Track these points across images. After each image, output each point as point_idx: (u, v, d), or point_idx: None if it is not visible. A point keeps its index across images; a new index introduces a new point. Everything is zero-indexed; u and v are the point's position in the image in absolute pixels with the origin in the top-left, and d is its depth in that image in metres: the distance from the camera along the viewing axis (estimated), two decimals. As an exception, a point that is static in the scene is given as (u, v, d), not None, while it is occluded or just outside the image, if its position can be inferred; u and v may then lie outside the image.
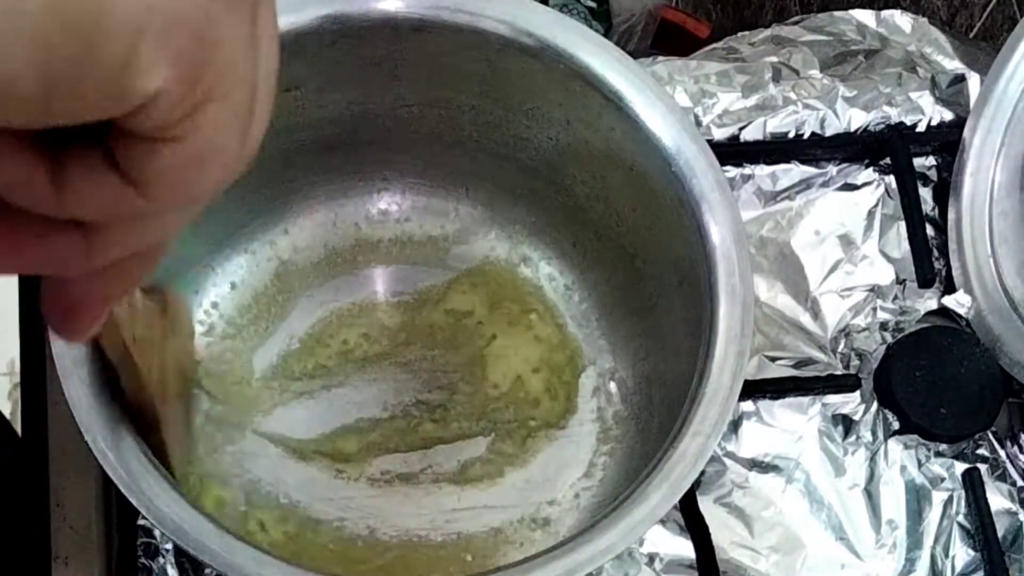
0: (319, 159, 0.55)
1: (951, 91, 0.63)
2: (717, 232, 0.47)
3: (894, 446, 0.56)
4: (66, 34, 0.16)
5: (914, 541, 0.55)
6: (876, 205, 0.61)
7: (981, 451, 0.57)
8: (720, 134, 0.61)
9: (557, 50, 0.49)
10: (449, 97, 0.53)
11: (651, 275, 0.54)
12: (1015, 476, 0.57)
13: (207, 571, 0.50)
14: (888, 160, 0.61)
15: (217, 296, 0.56)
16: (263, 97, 0.22)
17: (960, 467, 0.56)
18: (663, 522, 0.53)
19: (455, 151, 0.56)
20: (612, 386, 0.57)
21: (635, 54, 0.63)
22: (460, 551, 0.53)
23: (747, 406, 0.56)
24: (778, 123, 0.61)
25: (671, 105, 0.49)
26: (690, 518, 0.53)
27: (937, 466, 0.56)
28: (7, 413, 0.68)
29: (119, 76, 0.17)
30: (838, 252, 0.60)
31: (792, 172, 0.61)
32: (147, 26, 0.17)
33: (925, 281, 0.59)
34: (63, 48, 0.16)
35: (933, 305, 0.59)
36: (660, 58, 0.63)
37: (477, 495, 0.54)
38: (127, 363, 0.40)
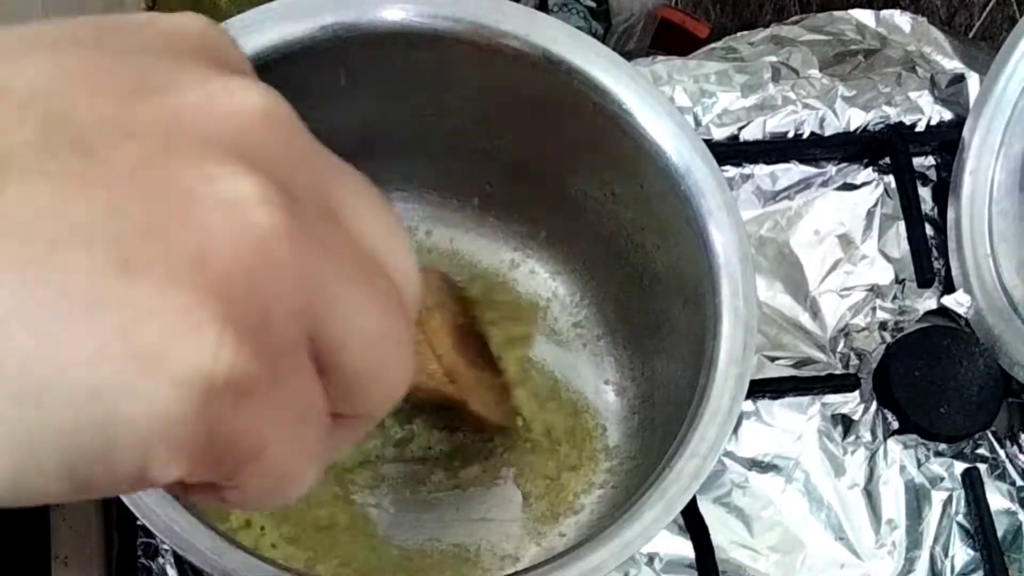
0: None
1: (950, 91, 0.63)
2: (723, 252, 0.47)
3: (893, 446, 0.56)
4: (81, 462, 0.18)
5: (913, 541, 0.55)
6: (875, 205, 0.61)
7: (981, 451, 0.57)
8: (719, 134, 0.61)
9: (570, 65, 0.48)
10: (462, 108, 0.53)
11: (657, 293, 0.54)
12: (1015, 476, 0.57)
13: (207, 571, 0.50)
14: (887, 160, 0.61)
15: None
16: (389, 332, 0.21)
17: (960, 467, 0.56)
18: (663, 522, 0.53)
19: (467, 162, 0.56)
20: (615, 403, 0.57)
21: (635, 54, 0.64)
22: (457, 563, 0.53)
23: (747, 406, 0.56)
24: (777, 123, 0.61)
25: (682, 123, 0.49)
26: (690, 518, 0.53)
27: (937, 466, 0.56)
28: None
29: (138, 481, 0.18)
30: (837, 252, 0.60)
31: (791, 172, 0.61)
32: (157, 441, 0.18)
33: (924, 281, 0.59)
34: (82, 472, 0.18)
35: (932, 305, 0.59)
36: (660, 58, 0.63)
37: (476, 507, 0.54)
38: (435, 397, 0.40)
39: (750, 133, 0.61)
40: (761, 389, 0.56)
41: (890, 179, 0.61)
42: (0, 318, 0.17)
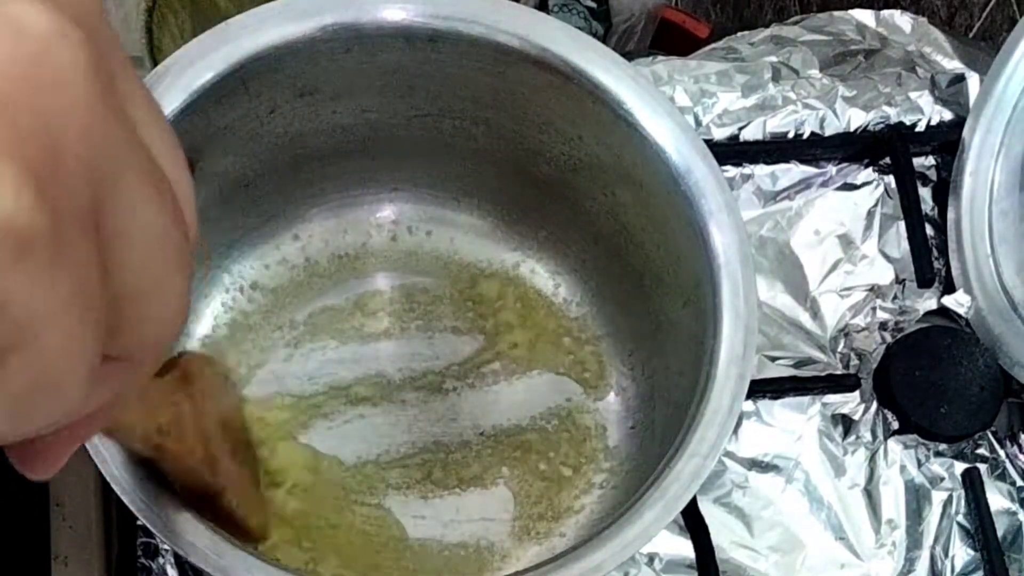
0: (331, 166, 0.55)
1: (951, 91, 0.63)
2: (723, 253, 0.47)
3: (894, 446, 0.56)
4: None
5: (914, 541, 0.55)
6: (876, 205, 0.61)
7: (981, 451, 0.57)
8: (720, 134, 0.61)
9: (570, 65, 0.48)
10: (462, 108, 0.53)
11: (658, 294, 0.54)
12: (1015, 476, 0.57)
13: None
14: (888, 160, 0.61)
15: (226, 299, 0.56)
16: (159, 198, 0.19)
17: (960, 467, 0.56)
18: (663, 522, 0.53)
19: (467, 162, 0.56)
20: (615, 403, 0.57)
21: (635, 54, 0.64)
22: (457, 563, 0.53)
23: (747, 406, 0.56)
24: (778, 123, 0.61)
25: (683, 124, 0.49)
26: (690, 518, 0.53)
27: (937, 466, 0.56)
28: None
29: None
30: (838, 252, 0.60)
31: (792, 172, 0.61)
32: None
33: (925, 281, 0.59)
34: None
35: (933, 305, 0.59)
36: (660, 58, 0.63)
37: (475, 507, 0.54)
38: (163, 456, 0.39)
39: (750, 133, 0.61)
40: (761, 389, 0.56)
41: (890, 179, 0.61)
42: None
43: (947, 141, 0.61)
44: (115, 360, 0.19)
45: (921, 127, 0.62)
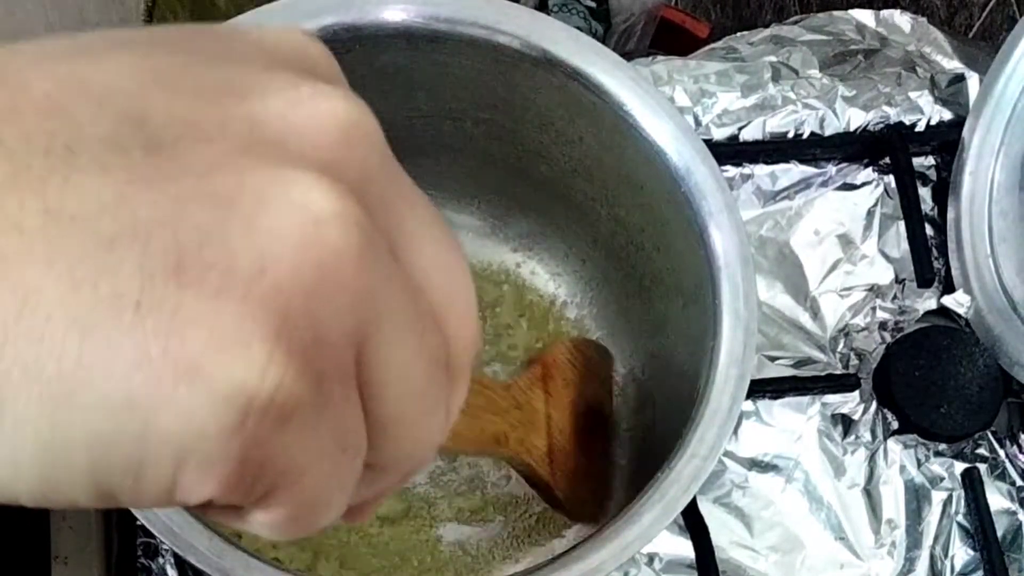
0: (331, 168, 0.55)
1: (950, 91, 0.63)
2: (723, 254, 0.47)
3: (893, 446, 0.57)
4: (110, 473, 0.17)
5: (913, 541, 0.55)
6: (875, 205, 0.61)
7: (980, 451, 0.57)
8: (719, 134, 0.61)
9: (571, 66, 0.48)
10: (462, 109, 0.53)
11: (658, 295, 0.54)
12: (1014, 476, 0.57)
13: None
14: (887, 160, 0.61)
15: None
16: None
17: (959, 467, 0.56)
18: (663, 522, 0.53)
19: (468, 163, 0.56)
20: (616, 403, 0.56)
21: (634, 54, 0.64)
22: (457, 564, 0.53)
23: (747, 406, 0.56)
24: (777, 123, 0.61)
25: (683, 126, 0.49)
26: (690, 518, 0.53)
27: (936, 466, 0.56)
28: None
29: (165, 497, 0.18)
30: (837, 252, 0.60)
31: (791, 172, 0.61)
32: (189, 458, 0.17)
33: (924, 281, 0.59)
34: (110, 483, 0.17)
35: (932, 305, 0.59)
36: (659, 58, 0.63)
37: (477, 508, 0.54)
38: (495, 457, 0.40)
39: (750, 133, 0.61)
40: (761, 389, 0.56)
41: (890, 179, 0.61)
42: (45, 316, 0.16)
43: (947, 141, 0.61)
44: (376, 467, 0.20)
45: (921, 127, 0.62)
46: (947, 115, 0.62)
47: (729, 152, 0.60)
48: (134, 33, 0.19)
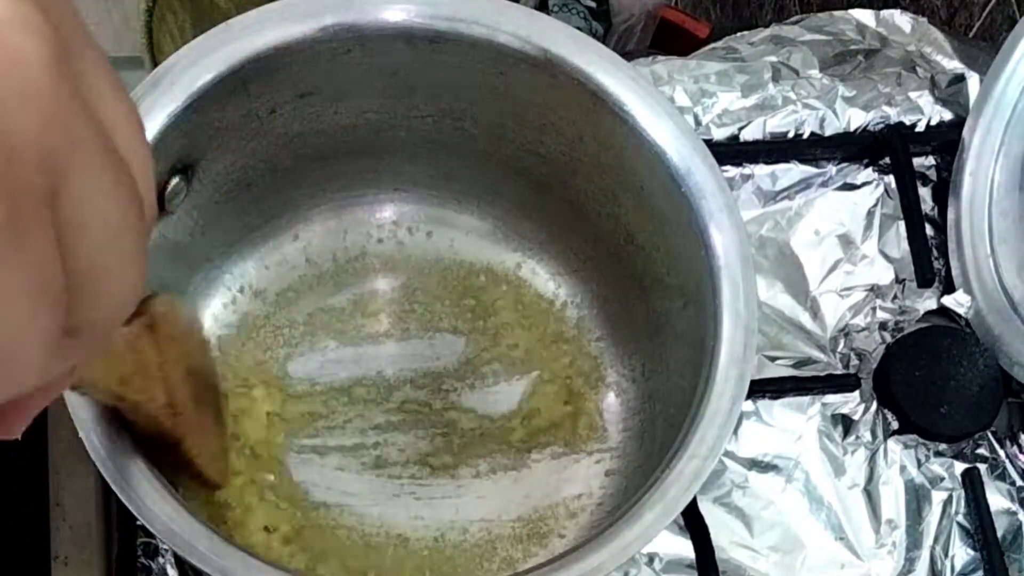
0: (332, 166, 0.55)
1: (950, 91, 0.63)
2: (724, 254, 0.47)
3: (894, 446, 0.57)
4: None
5: (913, 541, 0.55)
6: (875, 205, 0.61)
7: (981, 451, 0.57)
8: (719, 134, 0.61)
9: (571, 66, 0.48)
10: (463, 109, 0.53)
11: (658, 295, 0.54)
12: (1014, 476, 0.57)
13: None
14: (887, 160, 0.61)
15: (226, 300, 0.56)
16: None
17: (960, 467, 0.56)
18: (663, 522, 0.53)
19: (468, 163, 0.56)
20: (615, 404, 0.57)
21: (635, 54, 0.64)
22: (457, 564, 0.53)
23: (747, 406, 0.56)
24: (777, 123, 0.61)
25: (682, 125, 0.49)
26: (690, 518, 0.53)
27: (937, 466, 0.56)
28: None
29: None
30: (838, 252, 0.60)
31: (792, 172, 0.61)
32: None
33: (924, 281, 0.59)
34: None
35: (932, 305, 0.59)
36: (660, 58, 0.63)
37: (475, 508, 0.54)
38: (124, 405, 0.39)
39: (750, 133, 0.61)
40: (761, 389, 0.56)
41: (890, 179, 0.61)
42: None
43: (947, 141, 0.61)
44: (74, 331, 0.20)
45: (921, 127, 0.62)
46: (947, 115, 0.62)
47: (729, 152, 0.60)
48: None
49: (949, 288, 0.59)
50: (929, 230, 0.60)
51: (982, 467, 0.56)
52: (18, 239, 0.17)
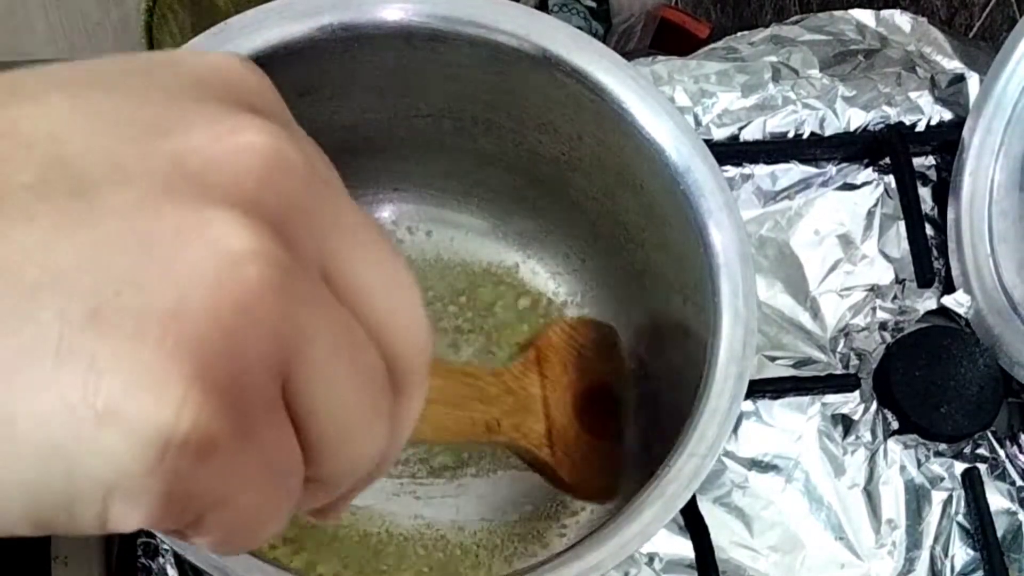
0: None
1: (950, 91, 0.63)
2: (723, 252, 0.47)
3: (893, 446, 0.57)
4: (44, 510, 0.18)
5: (913, 541, 0.55)
6: (875, 205, 0.61)
7: (980, 451, 0.57)
8: (720, 134, 0.61)
9: (570, 65, 0.48)
10: (462, 108, 0.53)
11: (657, 294, 0.54)
12: (1014, 476, 0.57)
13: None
14: (887, 160, 0.61)
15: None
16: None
17: (959, 467, 0.56)
18: (663, 522, 0.53)
19: (467, 162, 0.56)
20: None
21: (634, 54, 0.64)
22: (457, 563, 0.53)
23: (747, 406, 0.56)
24: (777, 123, 0.61)
25: (682, 124, 0.49)
26: (689, 518, 0.53)
27: (936, 466, 0.56)
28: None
29: (100, 528, 0.18)
30: (837, 252, 0.60)
31: (791, 172, 0.61)
32: (115, 495, 0.17)
33: (924, 281, 0.59)
34: (45, 519, 0.18)
35: (932, 305, 0.59)
36: (660, 58, 0.63)
37: (476, 508, 0.54)
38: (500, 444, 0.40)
39: (750, 133, 0.61)
40: (761, 389, 0.56)
41: (890, 179, 0.61)
42: None
43: (947, 141, 0.61)
44: (315, 480, 0.21)
45: (921, 127, 0.62)
46: (947, 115, 0.62)
47: (729, 152, 0.60)
48: (71, 72, 0.19)
49: (949, 288, 0.59)
50: (929, 230, 0.60)
51: (982, 467, 0.56)
52: (247, 442, 0.18)
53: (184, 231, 0.17)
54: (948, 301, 0.58)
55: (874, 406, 0.57)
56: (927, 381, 0.56)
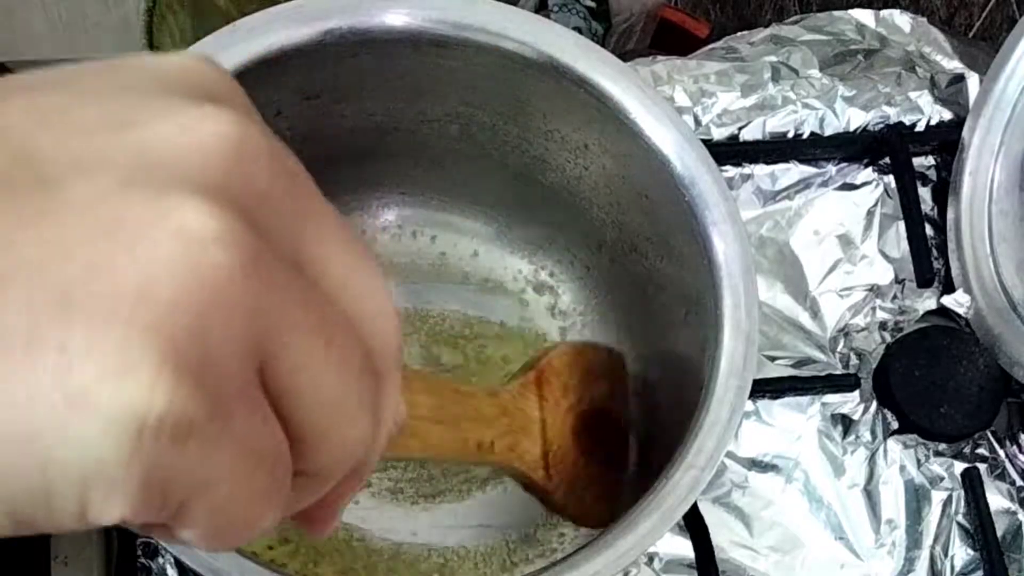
0: (336, 169, 0.55)
1: (950, 91, 0.63)
2: (726, 263, 0.47)
3: (893, 446, 0.57)
4: (21, 504, 0.17)
5: (913, 541, 0.55)
6: (875, 205, 0.61)
7: (980, 451, 0.57)
8: (719, 134, 0.61)
9: (577, 73, 0.48)
10: (470, 115, 0.53)
11: (660, 304, 0.54)
12: (1014, 476, 0.57)
13: (207, 571, 0.50)
14: (887, 160, 0.61)
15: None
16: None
17: (959, 467, 0.56)
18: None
19: (473, 169, 0.56)
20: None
21: (634, 54, 0.64)
22: (455, 569, 0.53)
23: (747, 405, 0.56)
24: (777, 123, 0.61)
25: (688, 135, 0.49)
26: (690, 518, 0.53)
27: (936, 466, 0.56)
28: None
29: (79, 521, 0.18)
30: (837, 252, 0.60)
31: (791, 172, 0.61)
32: (92, 484, 0.17)
33: (924, 281, 0.59)
34: (23, 513, 0.18)
35: (932, 305, 0.59)
36: (659, 58, 0.63)
37: (474, 513, 0.54)
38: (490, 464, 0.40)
39: (750, 133, 0.61)
40: (761, 389, 0.56)
41: (890, 179, 0.61)
42: None
43: (947, 141, 0.61)
44: (303, 474, 0.21)
45: (921, 127, 0.62)
46: (947, 115, 0.62)
47: (729, 152, 0.60)
48: (34, 77, 0.20)
49: (949, 288, 0.59)
50: (929, 230, 0.60)
51: (982, 467, 0.56)
52: (224, 425, 0.18)
53: (150, 218, 0.17)
54: (948, 301, 0.58)
55: (874, 406, 0.57)
56: (927, 381, 0.56)
